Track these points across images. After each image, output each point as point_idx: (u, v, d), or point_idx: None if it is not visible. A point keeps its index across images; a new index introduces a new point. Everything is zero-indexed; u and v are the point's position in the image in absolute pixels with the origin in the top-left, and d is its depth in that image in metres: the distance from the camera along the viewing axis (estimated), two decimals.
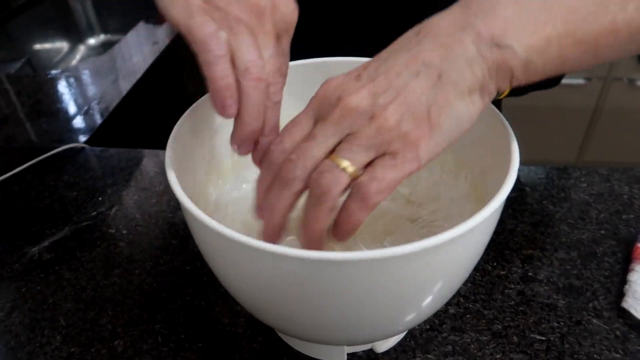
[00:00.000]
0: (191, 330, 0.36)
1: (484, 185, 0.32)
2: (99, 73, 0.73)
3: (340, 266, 0.22)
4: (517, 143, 0.28)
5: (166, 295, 0.39)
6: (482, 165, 0.33)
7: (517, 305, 0.37)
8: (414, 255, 0.22)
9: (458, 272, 0.26)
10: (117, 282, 0.40)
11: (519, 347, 0.34)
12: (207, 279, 0.40)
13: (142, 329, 0.36)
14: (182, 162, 0.30)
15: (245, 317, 0.37)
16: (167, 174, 0.27)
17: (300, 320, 0.27)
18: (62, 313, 0.38)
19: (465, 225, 0.22)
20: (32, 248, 0.43)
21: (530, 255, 0.41)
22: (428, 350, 0.34)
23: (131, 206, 0.48)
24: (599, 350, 0.34)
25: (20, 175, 0.52)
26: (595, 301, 0.37)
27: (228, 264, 0.26)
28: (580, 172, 0.49)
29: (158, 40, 0.82)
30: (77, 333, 0.36)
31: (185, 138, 0.31)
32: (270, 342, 0.35)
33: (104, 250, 0.43)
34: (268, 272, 0.24)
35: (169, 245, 0.43)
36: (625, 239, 0.42)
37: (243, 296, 0.28)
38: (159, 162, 0.53)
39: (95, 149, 0.56)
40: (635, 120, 1.33)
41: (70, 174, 0.52)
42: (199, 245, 0.28)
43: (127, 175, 0.51)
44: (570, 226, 0.43)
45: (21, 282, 0.40)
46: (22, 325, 0.37)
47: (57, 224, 0.46)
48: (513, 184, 0.25)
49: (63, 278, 0.41)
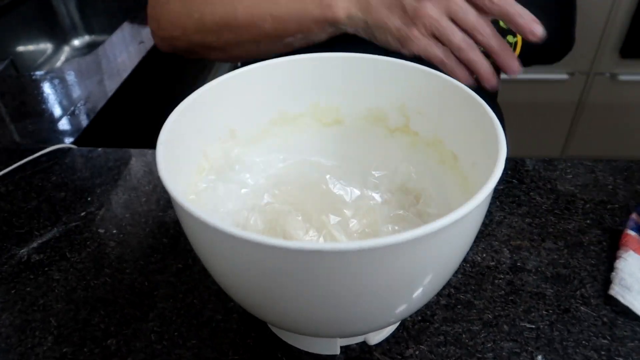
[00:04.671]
0: (184, 328, 0.36)
1: (474, 176, 0.33)
2: (84, 74, 0.73)
3: (330, 256, 0.22)
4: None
5: (158, 293, 0.39)
6: (471, 157, 0.33)
7: (507, 295, 0.38)
8: (404, 244, 0.22)
9: (448, 261, 0.27)
10: (108, 282, 0.40)
11: (510, 336, 0.35)
12: (199, 277, 0.40)
13: (135, 327, 0.36)
14: (172, 161, 0.30)
15: (238, 314, 0.37)
16: (158, 171, 0.27)
17: (292, 313, 0.27)
18: (53, 314, 0.38)
19: (454, 215, 0.23)
20: (20, 249, 0.43)
21: (519, 246, 0.42)
22: (420, 341, 0.35)
23: (120, 206, 0.47)
24: (587, 337, 0.35)
25: (7, 177, 0.51)
26: (583, 289, 0.38)
27: (220, 258, 0.26)
28: (566, 164, 0.50)
29: (144, 40, 0.82)
30: (69, 333, 0.36)
31: (175, 136, 0.31)
32: (263, 338, 0.35)
33: (94, 250, 0.43)
34: (260, 264, 0.24)
35: (160, 243, 0.43)
36: (610, 228, 0.43)
37: (236, 290, 0.28)
38: (147, 161, 0.53)
39: (82, 149, 0.55)
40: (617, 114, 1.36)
41: (58, 175, 0.51)
42: (191, 241, 0.28)
43: (115, 175, 0.51)
44: (557, 217, 0.44)
45: (10, 284, 0.40)
46: (12, 327, 0.37)
47: (45, 225, 0.45)
48: (500, 175, 0.26)
49: (53, 279, 0.40)
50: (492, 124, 0.29)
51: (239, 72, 0.35)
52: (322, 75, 0.37)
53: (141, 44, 0.81)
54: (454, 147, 0.35)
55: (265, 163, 0.39)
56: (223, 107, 0.35)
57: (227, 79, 0.35)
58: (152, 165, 0.52)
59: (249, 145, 0.38)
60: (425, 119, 0.37)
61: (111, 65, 0.75)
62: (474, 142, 0.32)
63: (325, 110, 0.40)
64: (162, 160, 0.27)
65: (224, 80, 0.34)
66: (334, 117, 0.40)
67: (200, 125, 0.34)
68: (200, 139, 0.35)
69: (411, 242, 0.22)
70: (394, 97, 0.37)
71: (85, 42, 1.06)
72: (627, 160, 0.50)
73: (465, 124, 0.33)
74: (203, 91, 0.33)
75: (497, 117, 0.29)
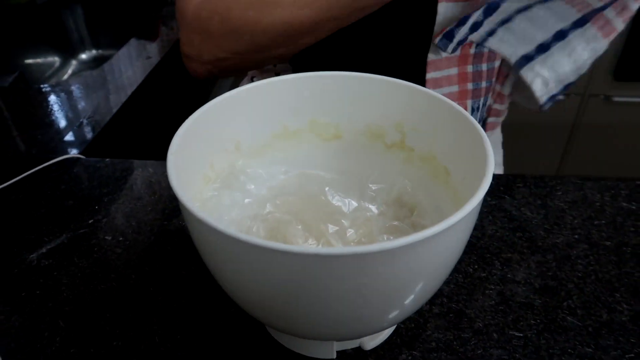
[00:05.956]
0: (187, 331, 0.38)
1: (464, 190, 0.35)
2: (91, 87, 0.75)
3: (327, 260, 0.24)
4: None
5: (162, 298, 0.40)
6: (462, 172, 0.35)
7: (497, 305, 0.39)
8: (396, 250, 0.24)
9: (439, 268, 0.29)
10: (114, 286, 0.41)
11: (499, 343, 0.37)
12: (202, 283, 0.41)
13: (139, 330, 0.38)
14: (181, 170, 0.31)
15: (238, 318, 0.38)
16: (169, 178, 0.28)
17: (290, 314, 0.28)
18: (61, 316, 0.39)
19: (443, 224, 0.25)
20: (30, 255, 0.45)
21: (509, 259, 0.43)
22: (413, 347, 0.36)
23: (127, 214, 0.49)
24: (573, 345, 0.36)
25: (18, 185, 0.53)
26: (570, 300, 0.40)
27: (224, 261, 0.28)
28: (556, 181, 0.52)
29: (151, 55, 0.84)
30: (76, 334, 0.38)
31: (184, 147, 0.33)
32: (262, 341, 0.37)
33: (101, 256, 0.44)
34: (262, 266, 0.25)
35: (164, 251, 0.45)
36: (596, 243, 0.45)
37: (237, 292, 0.30)
38: (153, 172, 0.55)
39: (90, 159, 0.57)
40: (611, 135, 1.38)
41: (67, 184, 0.53)
42: (197, 245, 0.30)
43: (122, 185, 0.53)
44: (546, 231, 0.46)
45: (20, 287, 0.42)
46: (22, 328, 0.38)
47: (54, 232, 0.47)
48: (487, 188, 0.28)
49: (61, 283, 0.42)
50: (481, 141, 0.31)
51: (244, 88, 0.37)
52: (323, 92, 0.40)
53: (148, 59, 0.83)
54: (446, 162, 0.37)
55: (268, 175, 0.41)
56: (229, 121, 0.37)
57: (234, 95, 0.37)
58: (157, 176, 0.54)
59: (253, 157, 0.40)
60: (420, 135, 0.39)
61: (118, 79, 0.78)
62: (465, 157, 0.34)
63: (325, 126, 0.42)
64: (173, 169, 0.29)
65: (231, 95, 0.36)
66: (334, 132, 0.42)
67: (208, 138, 0.36)
68: (207, 150, 0.37)
69: (403, 248, 0.24)
70: (391, 114, 0.40)
71: (92, 56, 1.09)
72: (614, 178, 0.52)
73: (457, 140, 0.35)
74: (211, 105, 0.35)
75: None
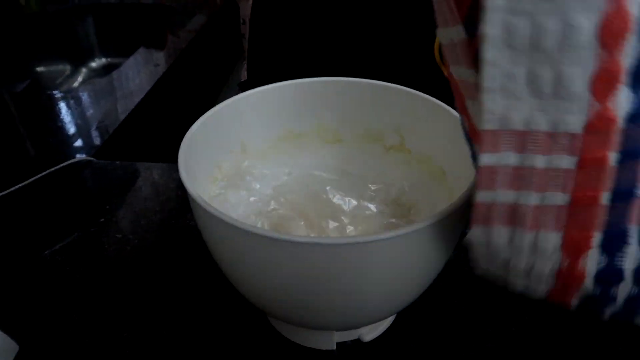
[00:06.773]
0: (191, 322, 0.40)
1: (458, 189, 0.36)
2: (101, 93, 0.77)
3: (328, 249, 0.26)
4: None
5: (168, 292, 0.42)
6: (457, 172, 0.37)
7: (494, 300, 0.41)
8: (390, 239, 0.26)
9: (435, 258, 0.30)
10: (123, 281, 0.43)
11: (494, 336, 0.38)
12: (206, 277, 0.43)
13: (147, 320, 0.40)
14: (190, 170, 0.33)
15: (242, 310, 0.40)
16: (180, 176, 0.30)
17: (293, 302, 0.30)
18: (74, 310, 0.41)
19: (438, 215, 0.26)
20: (44, 252, 0.47)
21: None
22: (412, 339, 0.38)
23: (136, 214, 0.51)
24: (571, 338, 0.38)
25: (33, 186, 0.55)
26: None
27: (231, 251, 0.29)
28: None
29: (159, 63, 0.87)
30: (88, 328, 0.39)
31: (193, 148, 0.35)
32: (263, 333, 0.39)
33: (112, 253, 0.46)
34: (267, 254, 0.27)
35: (172, 248, 0.47)
36: None
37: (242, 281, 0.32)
38: (162, 174, 0.57)
39: (101, 162, 0.60)
40: None
41: (79, 184, 0.55)
42: (206, 237, 0.32)
43: (132, 186, 0.55)
44: None
45: (35, 282, 0.44)
46: (37, 322, 0.40)
47: (67, 230, 0.49)
48: None
49: (74, 278, 0.44)
50: None
51: (251, 92, 0.39)
52: (325, 97, 0.42)
53: (157, 67, 0.86)
54: (442, 163, 0.39)
55: (272, 175, 0.43)
56: (236, 124, 0.39)
57: (240, 99, 0.39)
58: (165, 179, 0.56)
59: (258, 158, 0.42)
60: (418, 138, 0.41)
61: (127, 86, 0.80)
62: (460, 159, 0.36)
63: (327, 129, 0.44)
64: (183, 168, 0.31)
65: (237, 99, 0.39)
66: (335, 135, 0.44)
67: (216, 139, 0.38)
68: (215, 152, 0.39)
69: (399, 237, 0.26)
70: (390, 118, 0.41)
71: (102, 64, 1.12)
72: None
73: (452, 142, 0.37)
74: (219, 108, 0.37)
75: None
